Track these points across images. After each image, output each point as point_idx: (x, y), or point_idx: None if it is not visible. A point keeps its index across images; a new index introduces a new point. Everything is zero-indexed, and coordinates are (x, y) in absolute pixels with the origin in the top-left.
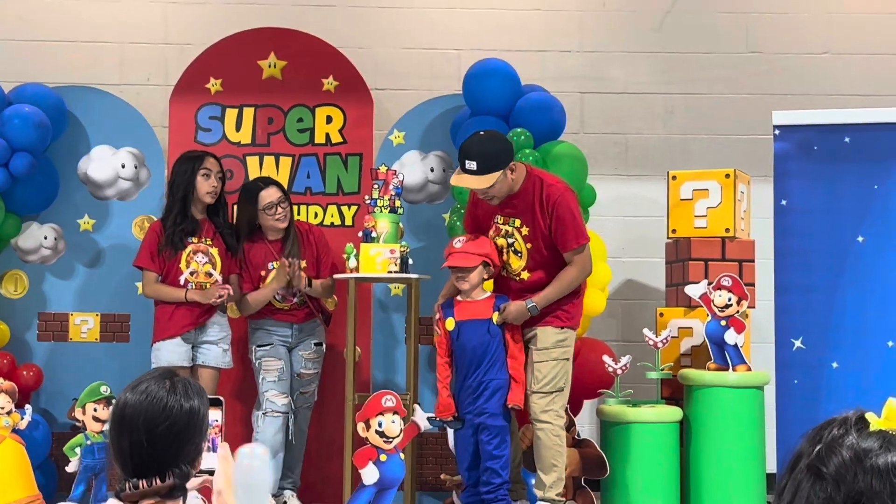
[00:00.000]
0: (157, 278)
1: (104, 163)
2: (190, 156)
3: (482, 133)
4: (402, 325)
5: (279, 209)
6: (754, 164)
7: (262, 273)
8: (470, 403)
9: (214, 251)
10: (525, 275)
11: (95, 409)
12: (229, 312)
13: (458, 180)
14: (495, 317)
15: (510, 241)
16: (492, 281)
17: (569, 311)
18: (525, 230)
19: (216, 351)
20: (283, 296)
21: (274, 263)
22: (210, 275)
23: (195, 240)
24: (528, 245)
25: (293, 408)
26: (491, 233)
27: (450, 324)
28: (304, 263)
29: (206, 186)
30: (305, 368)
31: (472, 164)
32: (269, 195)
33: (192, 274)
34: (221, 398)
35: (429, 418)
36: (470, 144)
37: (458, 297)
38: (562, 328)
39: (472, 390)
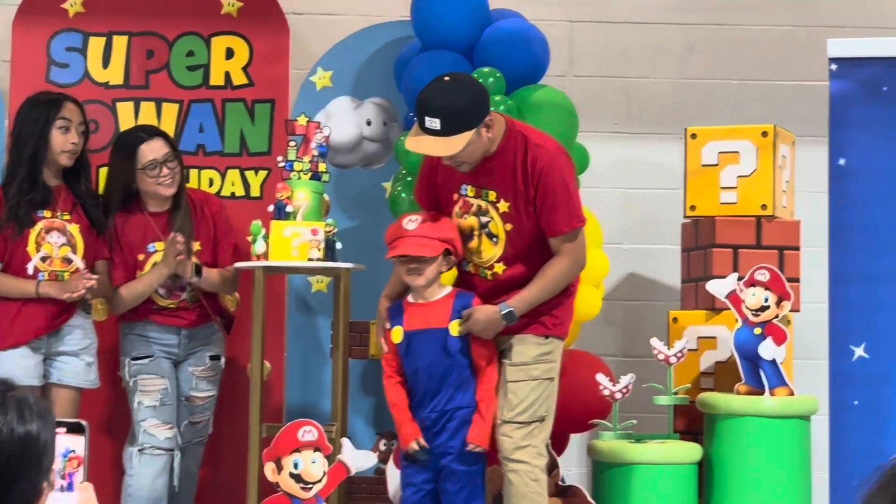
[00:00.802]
0: None
1: None
2: (41, 100)
3: (446, 78)
4: (327, 332)
5: (165, 169)
6: (801, 120)
7: (141, 257)
8: (428, 442)
9: (74, 229)
10: (499, 268)
11: None
12: (95, 314)
13: (416, 144)
14: (454, 326)
15: (484, 220)
16: (453, 273)
17: (556, 316)
18: (504, 205)
19: (77, 365)
20: (169, 289)
21: (157, 245)
22: (69, 261)
23: (48, 214)
24: (508, 226)
25: (180, 443)
26: (456, 209)
27: (396, 334)
28: (197, 246)
29: (63, 143)
30: (197, 390)
31: (434, 122)
32: (152, 150)
33: (43, 260)
34: (85, 423)
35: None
36: (431, 95)
37: (409, 298)
38: (546, 337)
39: (430, 424)
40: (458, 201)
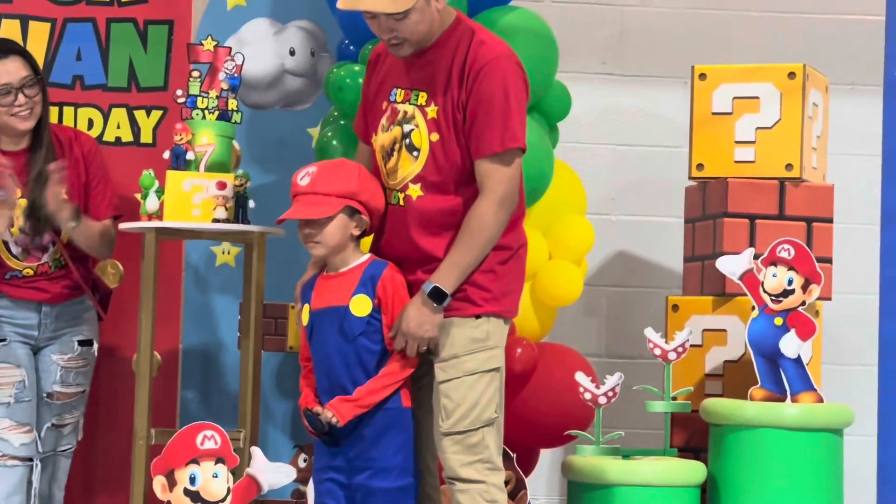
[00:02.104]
0: None
1: None
2: None
3: None
4: (235, 315)
5: (21, 97)
6: (839, 61)
7: None
8: (340, 454)
9: None
10: (413, 190)
11: None
12: None
13: (356, 3)
14: (359, 301)
15: (407, 129)
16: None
17: (487, 288)
18: (432, 111)
19: None
20: (26, 248)
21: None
22: None
23: None
24: (434, 136)
25: (40, 450)
26: (382, 121)
27: (305, 315)
28: (63, 192)
29: None
30: (62, 384)
31: None
32: (6, 71)
33: None
34: None
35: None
36: None
37: (325, 270)
38: (476, 318)
39: (340, 430)
40: (387, 110)
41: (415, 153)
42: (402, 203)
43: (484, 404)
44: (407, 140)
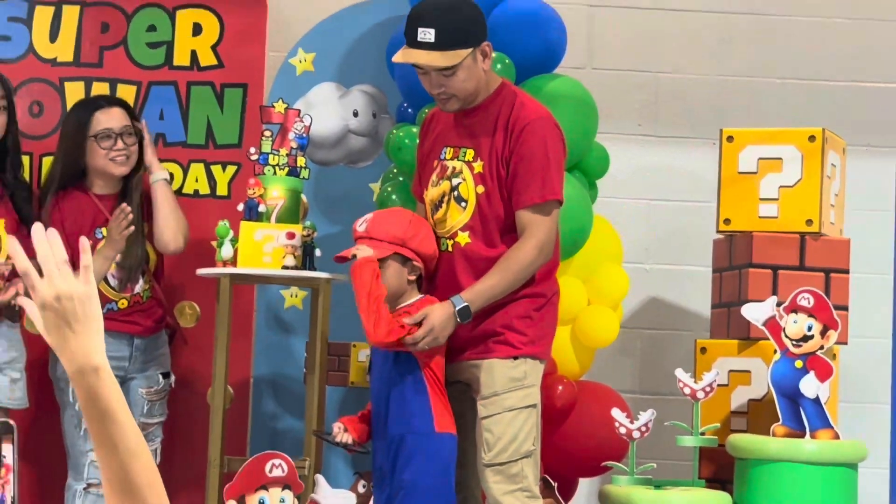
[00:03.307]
0: None
1: None
2: None
3: None
4: (301, 353)
5: (120, 143)
6: (855, 125)
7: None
8: (388, 475)
9: None
10: (462, 238)
11: None
12: (29, 325)
13: (406, 55)
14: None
15: (455, 182)
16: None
17: (524, 333)
18: (479, 165)
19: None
20: (122, 280)
21: (104, 230)
22: None
23: None
24: (479, 188)
25: None
26: (433, 178)
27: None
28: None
29: None
30: (148, 415)
31: (427, 34)
32: (109, 118)
33: None
34: (11, 422)
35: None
36: (426, 6)
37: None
38: (514, 359)
39: (385, 458)
40: (437, 167)
41: (462, 204)
42: (450, 249)
43: (522, 438)
44: (455, 192)
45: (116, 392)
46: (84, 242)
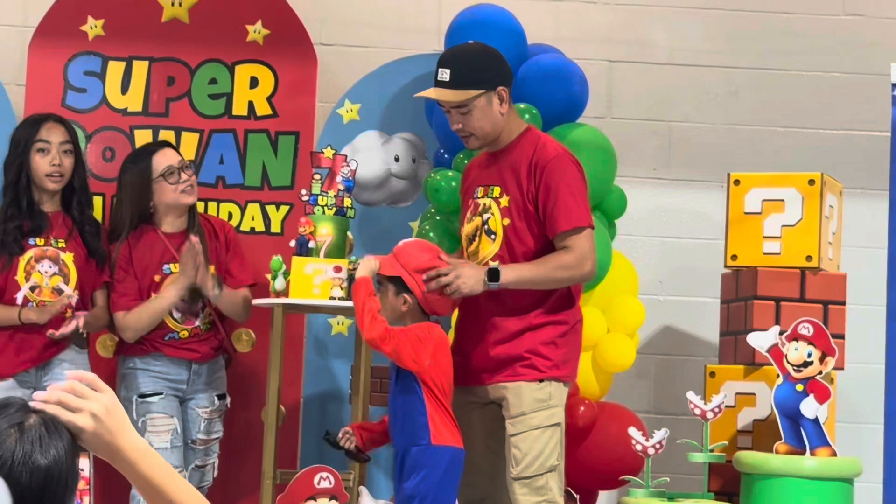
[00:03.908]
0: None
1: None
2: (27, 122)
3: (470, 42)
4: (346, 375)
5: (184, 175)
6: (850, 170)
7: (157, 278)
8: (396, 486)
9: (68, 258)
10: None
11: None
12: (102, 350)
13: (426, 92)
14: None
15: (485, 217)
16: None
17: (549, 357)
18: (504, 200)
19: None
20: (185, 313)
21: (172, 266)
22: (59, 291)
23: (40, 241)
24: (506, 221)
25: None
26: (467, 215)
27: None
28: (211, 268)
29: (44, 166)
30: (205, 432)
31: (444, 74)
32: (166, 157)
33: (32, 290)
34: None
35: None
36: (448, 51)
37: None
38: (540, 381)
39: (395, 464)
40: (471, 206)
41: (492, 236)
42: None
43: (547, 454)
44: (486, 226)
45: (162, 468)
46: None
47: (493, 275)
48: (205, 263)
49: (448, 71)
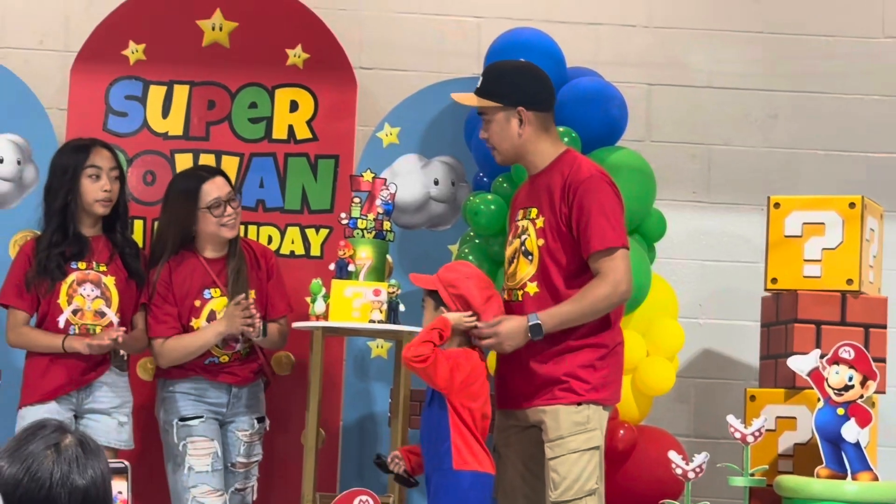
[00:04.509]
0: (28, 320)
1: None
2: (72, 147)
3: (520, 59)
4: (386, 398)
5: (229, 208)
6: (891, 192)
7: (197, 303)
8: None
9: (110, 281)
10: (531, 288)
11: None
12: (142, 373)
13: (456, 96)
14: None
15: (523, 238)
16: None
17: (587, 381)
18: (540, 221)
19: (108, 424)
20: (225, 339)
21: (212, 291)
22: (102, 314)
23: (82, 265)
24: (540, 241)
25: None
26: (509, 238)
27: None
28: (252, 294)
29: (95, 191)
30: (245, 455)
31: (478, 81)
32: (216, 187)
33: (74, 313)
34: (126, 463)
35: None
36: (494, 62)
37: None
38: (578, 405)
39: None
40: (512, 229)
41: (529, 257)
42: (520, 298)
43: (586, 477)
44: (523, 247)
45: None
46: None
47: (536, 329)
48: (254, 310)
49: (482, 78)
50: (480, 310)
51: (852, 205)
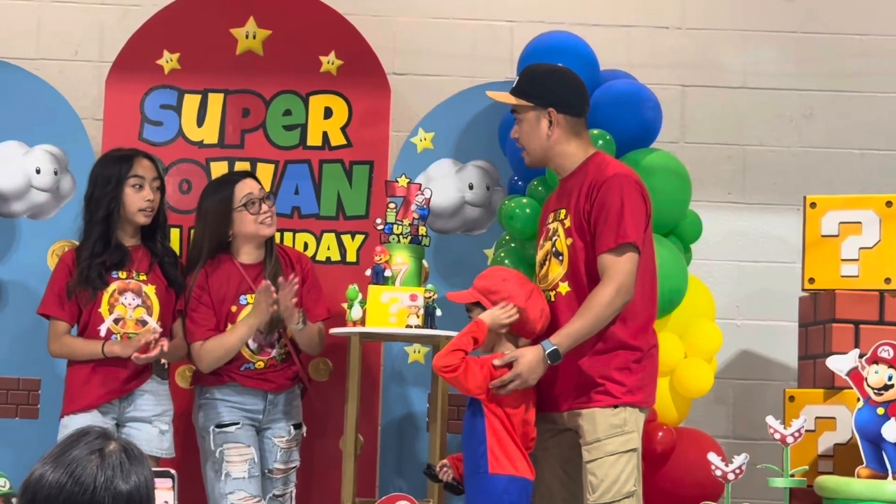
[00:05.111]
0: (69, 330)
1: (12, 166)
2: (114, 157)
3: (558, 64)
4: (424, 404)
5: (265, 206)
6: None
7: (234, 309)
8: None
9: (150, 290)
10: (563, 287)
11: None
12: (181, 380)
13: (492, 93)
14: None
15: (553, 240)
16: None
17: (623, 383)
18: (568, 221)
19: (149, 432)
20: (260, 344)
21: (248, 297)
22: (143, 323)
23: (122, 275)
24: (569, 241)
25: None
26: (540, 242)
27: None
28: (293, 300)
29: (138, 201)
30: (282, 461)
31: (515, 80)
32: (248, 186)
33: (116, 322)
34: (172, 471)
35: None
36: (532, 63)
37: None
38: (615, 408)
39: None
40: (543, 233)
41: (560, 258)
42: (552, 299)
43: (623, 480)
44: (554, 248)
45: None
46: None
47: (554, 355)
48: (291, 297)
49: (518, 78)
50: (525, 306)
51: (889, 203)
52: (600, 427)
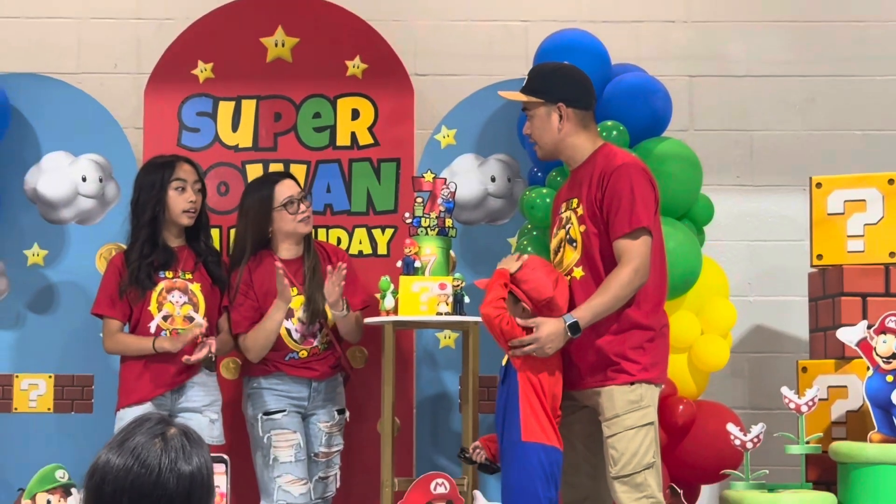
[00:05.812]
0: (122, 328)
1: (59, 174)
2: (157, 163)
3: (563, 62)
4: (455, 386)
5: (303, 206)
6: None
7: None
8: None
9: (196, 288)
10: (578, 272)
11: (49, 502)
12: (226, 372)
13: (503, 93)
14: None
15: (567, 227)
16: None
17: (638, 361)
18: (580, 210)
19: (200, 422)
20: (304, 334)
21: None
22: (191, 319)
23: (169, 274)
24: (582, 227)
25: (312, 498)
26: (554, 230)
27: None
28: (340, 288)
29: (181, 203)
30: (326, 445)
31: (524, 80)
32: (288, 187)
33: (165, 319)
34: (225, 456)
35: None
36: (539, 63)
37: None
38: (631, 384)
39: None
40: (556, 223)
41: (573, 244)
42: (568, 283)
43: (643, 452)
44: (568, 236)
45: None
46: None
47: (574, 327)
48: (340, 282)
49: (527, 77)
50: (553, 294)
51: (891, 181)
52: (618, 403)
